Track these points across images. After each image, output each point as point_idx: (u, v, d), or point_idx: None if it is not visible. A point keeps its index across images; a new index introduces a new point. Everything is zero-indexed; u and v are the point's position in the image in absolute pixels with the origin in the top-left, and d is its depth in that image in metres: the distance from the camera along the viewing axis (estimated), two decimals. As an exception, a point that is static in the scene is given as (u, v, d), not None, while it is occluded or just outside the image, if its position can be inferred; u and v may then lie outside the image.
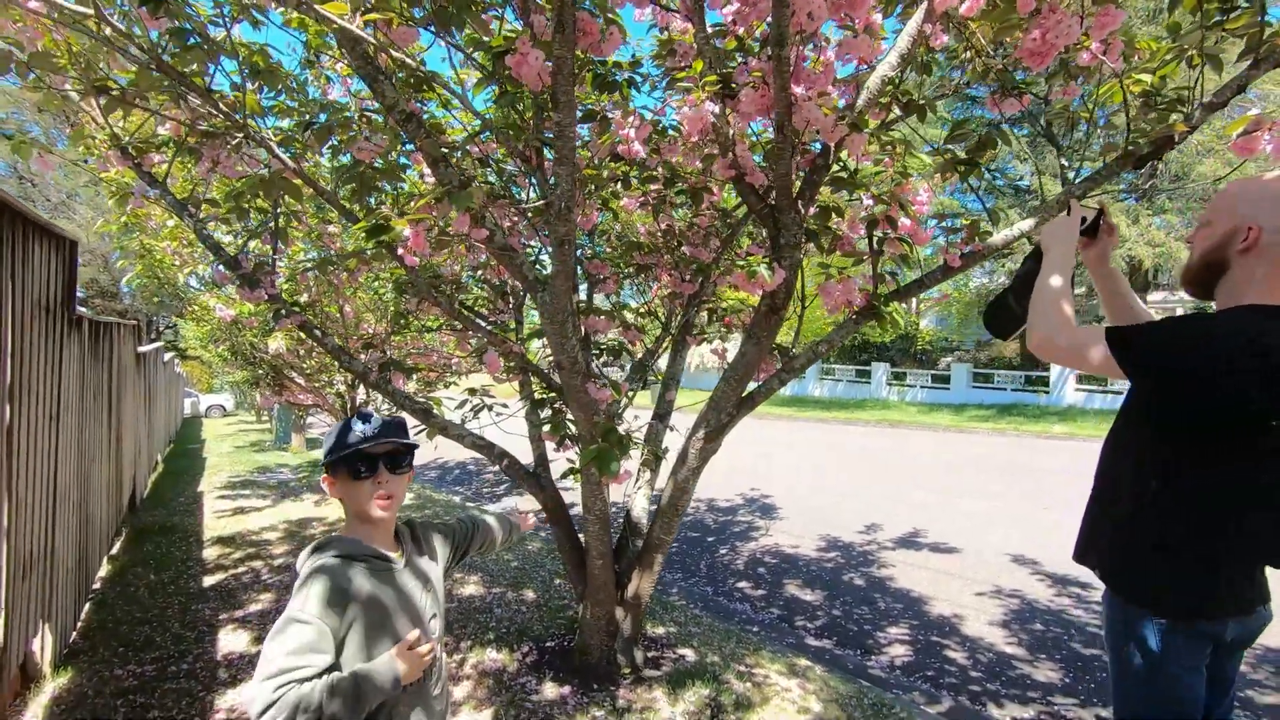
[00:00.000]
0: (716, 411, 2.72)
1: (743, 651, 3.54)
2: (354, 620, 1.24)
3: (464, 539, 1.71)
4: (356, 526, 1.38)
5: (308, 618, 1.18)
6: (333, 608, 1.21)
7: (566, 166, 2.09)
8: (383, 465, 1.36)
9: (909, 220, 2.34)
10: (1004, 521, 7.06)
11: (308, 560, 1.31)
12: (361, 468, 1.33)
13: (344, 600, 1.23)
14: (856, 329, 2.58)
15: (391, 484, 1.37)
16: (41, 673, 3.32)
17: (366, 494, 1.34)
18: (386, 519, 1.38)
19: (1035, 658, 3.89)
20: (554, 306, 2.36)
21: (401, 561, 1.40)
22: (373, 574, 1.31)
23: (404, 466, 1.41)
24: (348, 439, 1.34)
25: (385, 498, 1.36)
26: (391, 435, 1.38)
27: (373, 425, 1.36)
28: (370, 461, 1.34)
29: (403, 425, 1.44)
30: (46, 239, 3.05)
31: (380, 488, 1.35)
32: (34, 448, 2.93)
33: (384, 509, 1.36)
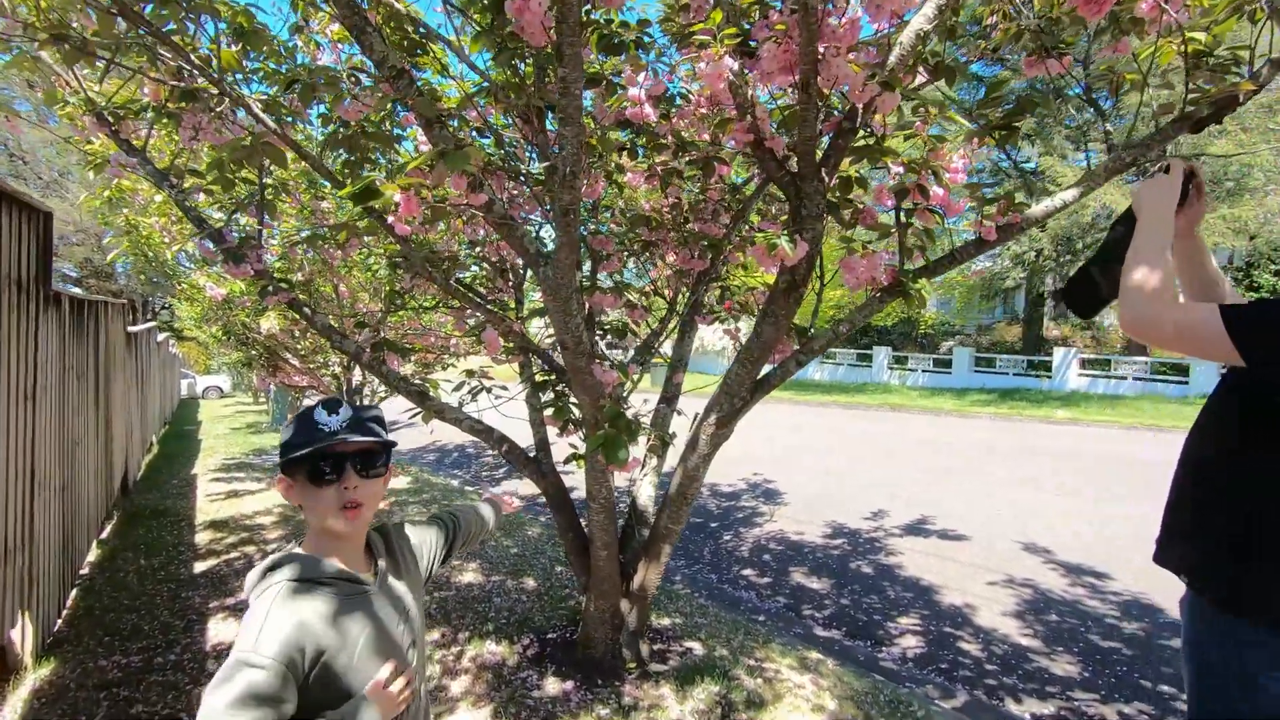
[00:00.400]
0: (729, 396, 2.56)
1: (752, 644, 3.41)
2: (318, 659, 1.02)
3: (446, 539, 1.51)
4: (320, 540, 1.14)
5: (260, 660, 0.96)
6: (291, 646, 0.99)
7: (572, 127, 1.91)
8: (351, 467, 1.11)
9: (942, 190, 2.16)
10: (1012, 508, 6.93)
11: (258, 584, 1.09)
12: (325, 469, 1.09)
13: (305, 636, 1.01)
14: (881, 307, 2.41)
15: (362, 490, 1.12)
16: (22, 663, 3.19)
17: (330, 502, 1.10)
18: (355, 532, 1.16)
19: (1052, 650, 3.77)
20: (557, 282, 2.19)
21: (375, 582, 1.18)
22: (340, 600, 1.09)
23: (378, 468, 1.16)
24: (309, 433, 1.10)
25: (354, 506, 1.11)
26: (364, 430, 1.13)
27: (341, 417, 1.12)
28: (336, 462, 1.10)
29: (378, 417, 1.20)
30: (15, 209, 2.87)
31: (348, 494, 1.11)
32: (6, 430, 2.76)
33: (352, 520, 1.12)
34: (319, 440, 1.09)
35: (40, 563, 3.33)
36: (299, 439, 1.10)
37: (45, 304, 3.33)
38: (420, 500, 6.80)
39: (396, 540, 1.33)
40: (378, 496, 1.18)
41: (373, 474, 1.15)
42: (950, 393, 20.73)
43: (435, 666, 3.12)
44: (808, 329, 2.55)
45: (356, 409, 1.16)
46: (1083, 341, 24.00)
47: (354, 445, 1.12)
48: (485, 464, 9.85)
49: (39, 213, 3.17)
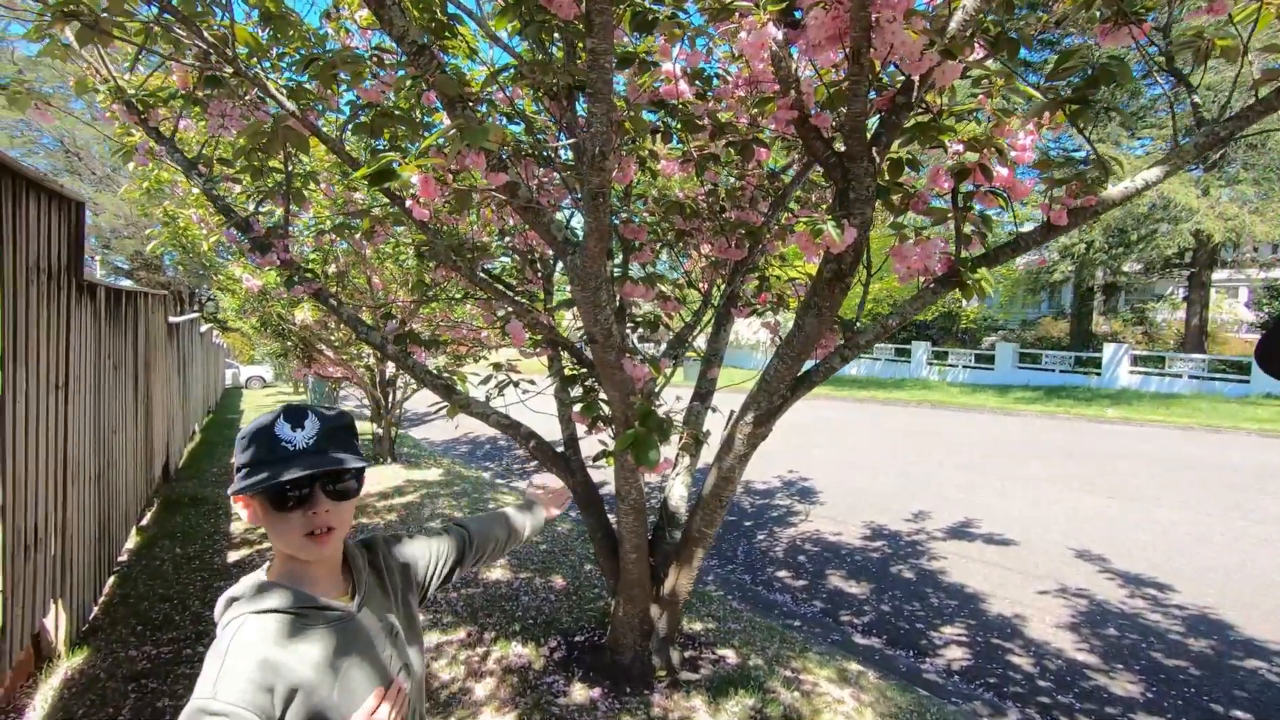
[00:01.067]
0: (768, 393, 2.40)
1: (788, 653, 3.25)
2: (291, 698, 0.90)
3: (451, 553, 1.33)
4: (288, 564, 1.01)
5: (221, 706, 0.84)
6: (256, 688, 0.88)
7: (602, 103, 1.77)
8: (320, 489, 0.97)
9: (1007, 170, 1.96)
10: (1063, 512, 6.61)
11: (223, 616, 0.97)
12: (289, 493, 0.95)
13: (272, 674, 0.90)
14: (935, 300, 2.23)
15: (333, 513, 0.98)
16: (56, 651, 3.21)
17: (296, 529, 0.96)
18: (328, 556, 1.03)
19: (1111, 667, 3.53)
20: (586, 271, 2.06)
21: (354, 605, 1.04)
22: (312, 631, 0.97)
23: (349, 485, 1.01)
24: (270, 451, 0.95)
25: (324, 532, 0.98)
26: (334, 445, 0.98)
27: (307, 432, 0.97)
28: (300, 485, 0.95)
29: (348, 427, 1.04)
30: (45, 197, 2.85)
31: (316, 520, 0.97)
32: (35, 420, 2.76)
33: (322, 547, 0.99)
34: (282, 461, 0.94)
35: (74, 551, 3.35)
36: (258, 458, 0.95)
37: (78, 294, 3.33)
38: (451, 492, 6.78)
39: (383, 555, 1.18)
40: (350, 516, 1.05)
41: (344, 495, 1.01)
42: (992, 390, 20.09)
43: (460, 667, 3.04)
44: (853, 322, 2.37)
45: (325, 419, 1.01)
46: (1134, 338, 23.04)
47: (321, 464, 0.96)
48: (516, 456, 9.82)
49: (70, 202, 3.16)
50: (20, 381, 2.59)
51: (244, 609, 0.95)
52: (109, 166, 26.18)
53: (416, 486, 7.05)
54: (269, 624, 0.94)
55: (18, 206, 2.56)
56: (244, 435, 0.99)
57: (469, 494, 6.74)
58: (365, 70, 2.10)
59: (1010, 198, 1.99)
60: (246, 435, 0.98)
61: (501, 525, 1.50)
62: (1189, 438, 12.08)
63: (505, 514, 1.55)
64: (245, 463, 0.96)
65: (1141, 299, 25.43)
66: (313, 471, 0.94)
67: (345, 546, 1.09)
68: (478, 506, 6.22)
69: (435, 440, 11.38)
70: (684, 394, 3.33)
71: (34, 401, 2.75)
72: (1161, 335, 23.51)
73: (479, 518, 1.49)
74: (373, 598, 1.09)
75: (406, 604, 1.17)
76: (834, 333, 2.42)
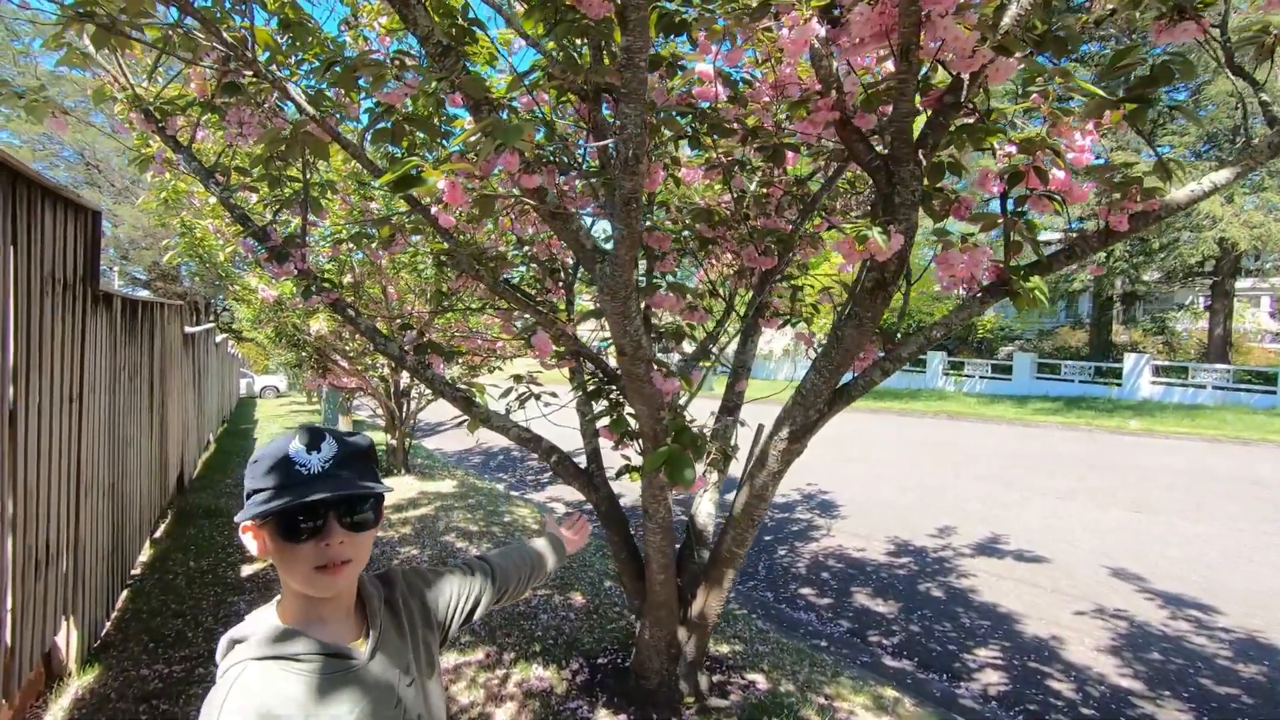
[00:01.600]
0: (804, 407, 2.29)
1: (819, 678, 3.12)
2: None
3: (474, 593, 1.22)
4: (296, 602, 0.91)
5: None
6: None
7: (635, 104, 1.68)
8: (335, 518, 0.87)
9: (1063, 173, 1.85)
10: (1094, 527, 6.42)
11: (224, 659, 0.89)
12: (301, 523, 0.86)
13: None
14: (983, 309, 2.12)
15: (349, 545, 0.89)
16: (67, 670, 3.14)
17: (307, 561, 0.86)
18: (341, 593, 0.93)
19: (1158, 694, 3.36)
20: (616, 280, 1.96)
21: (366, 652, 0.94)
22: (319, 680, 0.87)
23: (366, 515, 0.91)
24: (283, 477, 0.86)
25: (339, 565, 0.88)
26: (351, 472, 0.89)
27: (323, 455, 0.88)
28: (313, 514, 0.86)
29: (368, 451, 0.95)
30: (60, 207, 2.81)
31: (330, 552, 0.87)
32: (48, 432, 2.69)
33: (335, 581, 0.89)
34: (296, 487, 0.85)
35: (87, 566, 3.29)
36: (271, 484, 0.86)
37: (93, 304, 3.28)
38: (465, 505, 6.69)
39: (401, 592, 1.08)
40: (368, 549, 0.94)
41: (361, 525, 0.91)
42: (1010, 400, 19.80)
43: (479, 690, 2.93)
44: (894, 333, 2.26)
45: (342, 441, 0.92)
46: (1155, 348, 22.66)
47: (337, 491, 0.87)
48: (530, 468, 9.74)
49: (86, 211, 3.12)
50: (34, 393, 2.53)
51: (246, 653, 0.86)
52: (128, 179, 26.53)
53: (430, 499, 6.97)
54: (272, 672, 0.85)
55: (33, 215, 2.51)
56: (256, 458, 0.90)
57: (483, 506, 6.65)
58: (387, 74, 2.03)
59: (1066, 202, 1.88)
60: (258, 458, 0.90)
61: (525, 562, 1.40)
62: (1216, 450, 11.79)
63: (528, 550, 1.45)
64: (255, 488, 0.88)
65: (1162, 308, 25.03)
66: (327, 496, 0.85)
67: (360, 582, 1.00)
68: (492, 519, 6.12)
69: (448, 451, 11.31)
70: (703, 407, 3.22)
71: (47, 413, 2.69)
72: (1183, 345, 23.11)
73: (502, 553, 1.39)
74: (388, 641, 0.99)
75: (426, 646, 1.07)
76: (873, 344, 2.32)
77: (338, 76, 2.03)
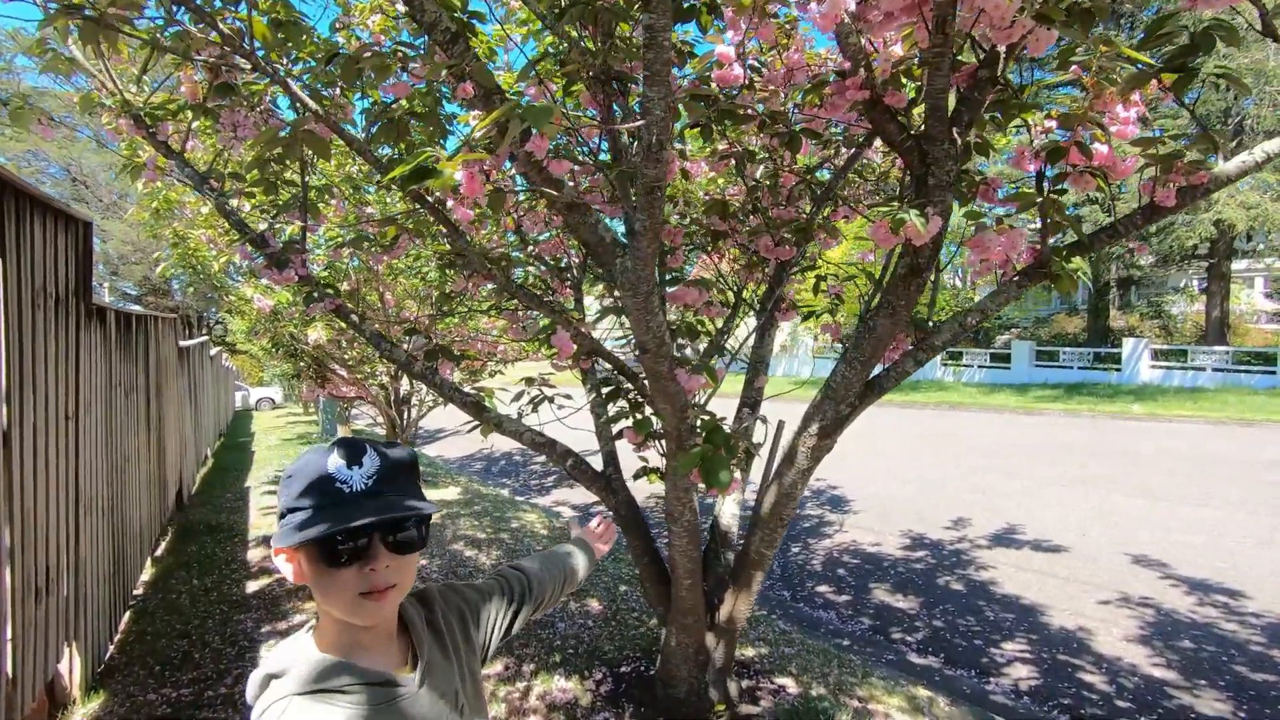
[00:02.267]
0: (835, 401, 2.20)
1: (850, 680, 3.03)
2: None
3: (512, 606, 1.14)
4: (336, 629, 0.83)
5: None
6: None
7: (659, 87, 1.59)
8: (380, 541, 0.79)
9: (1106, 147, 1.77)
10: (1108, 515, 6.35)
11: (259, 698, 0.80)
12: (342, 546, 0.77)
13: None
14: (1019, 293, 2.03)
15: (394, 569, 0.81)
16: (71, 697, 3.03)
17: (350, 587, 0.78)
18: (385, 619, 0.86)
19: (1193, 684, 3.29)
20: (637, 275, 1.87)
21: (415, 679, 0.86)
22: (371, 713, 0.79)
23: (412, 535, 0.83)
24: (324, 496, 0.77)
25: (384, 590, 0.80)
26: (395, 489, 0.81)
27: (365, 469, 0.79)
28: (356, 535, 0.77)
29: (411, 464, 0.87)
30: (51, 218, 2.70)
31: (375, 577, 0.79)
32: (43, 452, 2.58)
33: (380, 607, 0.81)
34: (340, 508, 0.77)
35: (88, 590, 3.17)
36: (310, 503, 0.77)
37: (87, 318, 3.17)
38: (472, 512, 6.58)
39: (443, 611, 1.00)
40: (414, 572, 0.86)
41: (407, 546, 0.82)
42: (1010, 389, 19.78)
43: (501, 705, 2.83)
44: (926, 321, 2.18)
45: (385, 455, 0.83)
46: (1153, 332, 22.68)
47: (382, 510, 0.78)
48: (534, 472, 9.63)
49: (78, 223, 3.01)
50: (28, 412, 2.42)
51: (287, 689, 0.77)
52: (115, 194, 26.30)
53: (437, 507, 6.85)
54: (317, 708, 0.76)
55: (22, 227, 2.40)
56: (290, 474, 0.81)
57: (490, 513, 6.54)
58: (392, 66, 1.93)
59: (1109, 179, 1.80)
60: (293, 473, 0.81)
61: (558, 569, 1.32)
62: (1221, 433, 11.77)
63: (560, 556, 1.36)
64: (291, 507, 0.79)
65: (1158, 292, 25.06)
66: (372, 519, 0.76)
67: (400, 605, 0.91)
68: (500, 526, 6.02)
69: (450, 457, 11.20)
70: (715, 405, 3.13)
71: (43, 433, 2.58)
72: (1180, 329, 23.14)
73: (536, 559, 1.30)
74: (435, 666, 0.90)
75: (470, 669, 0.99)
76: (905, 334, 2.23)
77: (340, 69, 1.94)
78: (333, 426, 13.50)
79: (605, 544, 1.53)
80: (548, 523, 6.19)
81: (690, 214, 3.45)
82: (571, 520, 1.42)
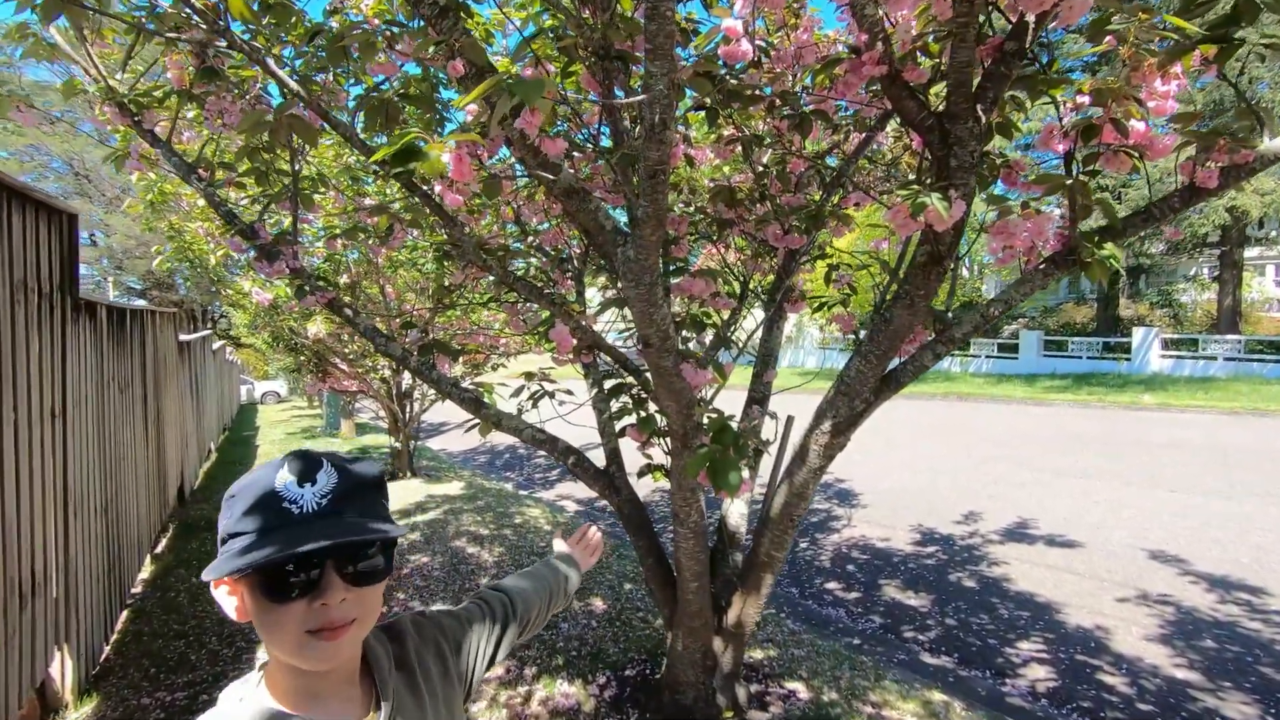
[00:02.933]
0: (849, 397, 2.09)
1: (863, 683, 2.93)
2: None
3: (496, 633, 1.03)
4: (288, 674, 0.72)
5: None
6: None
7: (663, 62, 1.47)
8: (335, 570, 0.68)
9: (1143, 124, 1.64)
10: (1124, 508, 6.23)
11: None
12: (291, 576, 0.66)
13: None
14: (1046, 282, 1.91)
15: (353, 602, 0.70)
16: (63, 701, 2.96)
17: (296, 623, 0.67)
18: (344, 662, 0.75)
19: (1218, 685, 3.18)
20: (640, 264, 1.76)
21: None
22: None
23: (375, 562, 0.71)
24: (269, 518, 0.66)
25: (339, 628, 0.69)
26: (355, 509, 0.70)
27: (319, 489, 0.68)
28: (308, 564, 0.66)
29: (376, 481, 0.75)
30: (31, 209, 2.60)
31: (329, 613, 0.67)
32: (27, 451, 2.50)
33: (335, 645, 0.68)
34: (285, 530, 0.66)
35: (80, 591, 3.10)
36: (253, 526, 0.66)
37: (74, 313, 3.08)
38: (474, 507, 6.50)
39: (415, 645, 0.89)
40: (378, 604, 0.74)
41: (369, 576, 0.71)
42: (1018, 379, 19.60)
43: (502, 711, 2.75)
44: (945, 313, 2.06)
45: (344, 470, 0.72)
46: (1163, 321, 22.44)
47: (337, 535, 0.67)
48: (538, 465, 9.55)
49: (61, 214, 2.91)
50: (8, 410, 2.34)
51: None
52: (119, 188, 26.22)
53: (438, 502, 6.79)
54: None
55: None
56: (233, 492, 0.70)
57: (493, 508, 6.46)
58: (378, 44, 1.82)
59: (1146, 158, 1.68)
60: (235, 492, 0.70)
61: (544, 587, 1.20)
62: (1236, 423, 11.61)
63: (545, 573, 1.24)
64: (233, 531, 0.68)
65: (1168, 281, 24.79)
66: (325, 544, 0.65)
67: (364, 642, 0.80)
68: (503, 521, 5.94)
69: (454, 451, 11.13)
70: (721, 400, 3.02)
71: (25, 431, 2.49)
72: (1190, 317, 22.89)
73: (520, 580, 1.18)
74: (403, 710, 0.80)
75: (449, 706, 0.89)
76: (923, 326, 2.11)
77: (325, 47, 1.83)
78: (337, 420, 13.46)
79: (593, 556, 1.41)
80: (551, 518, 6.10)
81: (696, 202, 3.34)
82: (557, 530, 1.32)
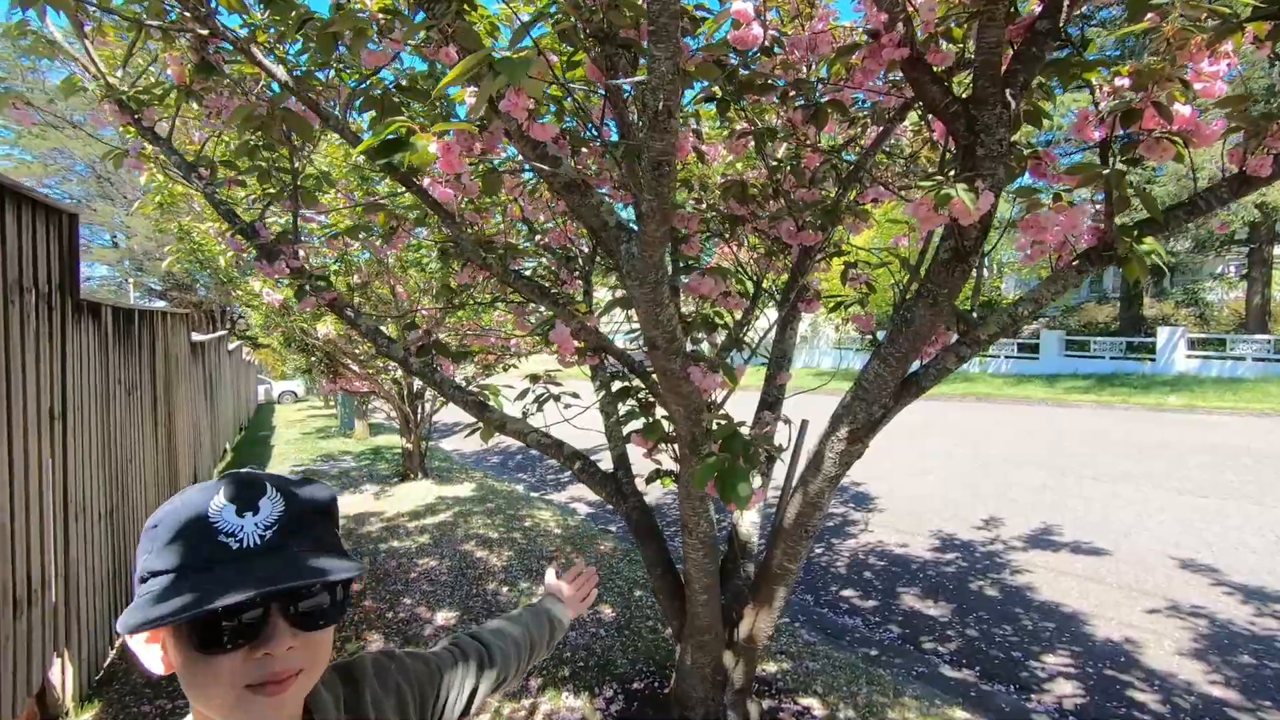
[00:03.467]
0: (867, 402, 1.98)
1: (881, 699, 2.81)
2: None
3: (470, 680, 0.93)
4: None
5: None
6: None
7: (666, 45, 1.37)
8: (279, 614, 0.58)
9: (1187, 109, 1.52)
10: (1152, 513, 6.03)
11: None
12: (225, 622, 0.56)
13: None
14: (1079, 280, 1.79)
15: (300, 651, 0.60)
16: (63, 708, 2.92)
17: (233, 677, 0.57)
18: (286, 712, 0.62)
19: (1258, 704, 3.02)
20: (645, 262, 1.66)
21: None
22: None
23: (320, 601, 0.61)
24: (200, 553, 0.56)
25: (281, 681, 0.58)
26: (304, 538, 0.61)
27: (261, 518, 0.59)
28: (246, 610, 0.56)
29: (327, 507, 0.65)
30: (28, 209, 2.55)
31: (272, 665, 0.58)
32: (23, 455, 2.45)
33: (281, 699, 0.59)
34: (216, 569, 0.56)
35: (80, 597, 3.06)
36: (174, 563, 0.56)
37: (75, 314, 3.04)
38: (485, 509, 6.44)
39: (373, 690, 0.78)
40: (327, 650, 0.64)
41: (319, 621, 0.61)
42: (1039, 380, 19.25)
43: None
44: (970, 312, 1.94)
45: (291, 495, 0.62)
46: (1188, 320, 21.93)
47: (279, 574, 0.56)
48: (551, 466, 9.48)
49: (60, 214, 2.87)
50: (2, 412, 2.29)
51: None
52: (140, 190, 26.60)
53: (449, 504, 6.73)
54: None
55: (-10, 217, 2.26)
56: (154, 521, 0.60)
57: (503, 510, 6.39)
58: (370, 30, 1.74)
59: (1191, 145, 1.55)
60: (159, 520, 0.59)
61: (525, 639, 1.10)
62: (1267, 426, 11.26)
63: (527, 622, 1.13)
64: (153, 569, 0.57)
65: (1194, 279, 24.23)
66: (270, 590, 0.55)
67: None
68: (513, 524, 5.86)
69: (466, 452, 11.10)
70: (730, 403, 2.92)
71: (21, 435, 2.44)
72: (1216, 316, 22.36)
73: (498, 630, 1.08)
74: None
75: None
76: (947, 327, 2.00)
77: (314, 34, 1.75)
78: (351, 420, 13.50)
79: (584, 604, 1.30)
80: (561, 520, 6.02)
81: (706, 199, 3.23)
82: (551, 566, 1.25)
